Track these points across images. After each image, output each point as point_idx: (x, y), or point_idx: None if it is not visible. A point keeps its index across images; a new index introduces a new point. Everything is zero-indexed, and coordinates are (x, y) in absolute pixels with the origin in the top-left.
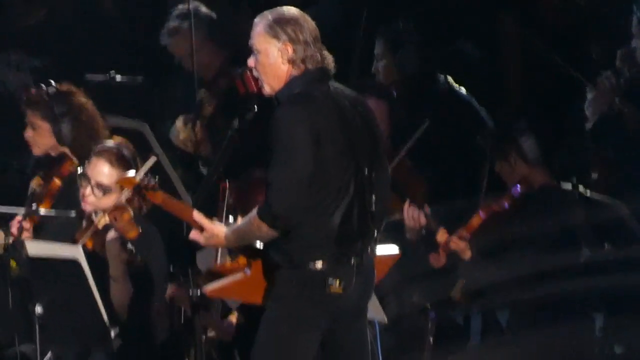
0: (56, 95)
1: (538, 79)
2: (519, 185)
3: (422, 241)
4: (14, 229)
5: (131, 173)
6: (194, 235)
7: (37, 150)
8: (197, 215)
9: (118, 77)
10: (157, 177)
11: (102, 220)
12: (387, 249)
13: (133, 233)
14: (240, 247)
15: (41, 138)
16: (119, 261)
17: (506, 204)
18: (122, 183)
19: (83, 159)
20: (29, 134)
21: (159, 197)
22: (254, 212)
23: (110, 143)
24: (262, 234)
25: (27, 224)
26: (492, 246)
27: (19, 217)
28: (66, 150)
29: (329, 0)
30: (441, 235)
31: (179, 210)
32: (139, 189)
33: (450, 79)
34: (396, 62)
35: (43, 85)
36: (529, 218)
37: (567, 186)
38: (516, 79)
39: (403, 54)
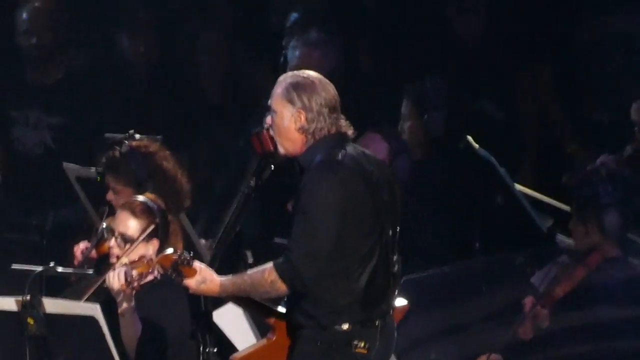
0: (137, 159)
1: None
2: (597, 256)
3: None
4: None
5: (169, 250)
6: (186, 281)
7: None
8: (196, 263)
9: (137, 137)
10: (192, 252)
11: (120, 262)
12: (396, 302)
13: (140, 270)
14: (263, 312)
15: (146, 194)
16: (123, 294)
17: (584, 274)
18: (160, 261)
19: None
20: (110, 197)
21: (194, 272)
22: (269, 267)
23: (138, 197)
24: (272, 290)
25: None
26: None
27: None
28: None
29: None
30: (527, 306)
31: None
32: (175, 265)
33: (470, 138)
34: (423, 124)
35: (118, 148)
36: (602, 289)
37: None
38: (534, 138)
39: (430, 117)
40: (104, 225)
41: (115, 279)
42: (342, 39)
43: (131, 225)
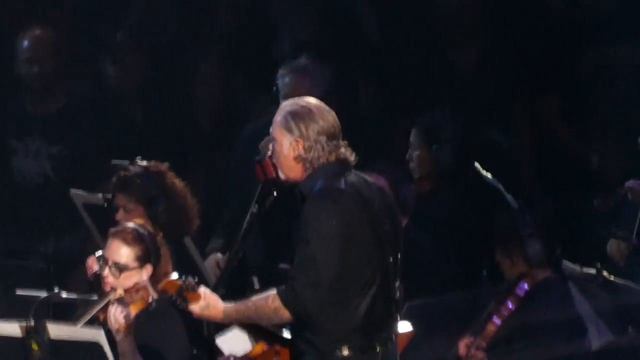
0: (149, 177)
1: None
2: (524, 284)
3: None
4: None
5: (174, 276)
6: (190, 306)
7: None
8: (201, 289)
9: (144, 163)
10: (196, 277)
11: (116, 295)
12: (400, 327)
13: (137, 307)
14: (269, 338)
15: (134, 220)
16: (123, 333)
17: (514, 306)
18: (165, 287)
19: (175, 238)
20: (120, 216)
21: (198, 297)
22: (273, 294)
23: (128, 224)
24: (276, 317)
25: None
26: (500, 341)
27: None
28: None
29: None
30: (462, 349)
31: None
32: (180, 291)
33: (477, 164)
34: (431, 155)
35: (131, 167)
36: (536, 312)
37: (591, 271)
38: (531, 165)
39: (439, 149)
40: (98, 254)
41: (114, 320)
42: (339, 71)
43: (123, 253)
